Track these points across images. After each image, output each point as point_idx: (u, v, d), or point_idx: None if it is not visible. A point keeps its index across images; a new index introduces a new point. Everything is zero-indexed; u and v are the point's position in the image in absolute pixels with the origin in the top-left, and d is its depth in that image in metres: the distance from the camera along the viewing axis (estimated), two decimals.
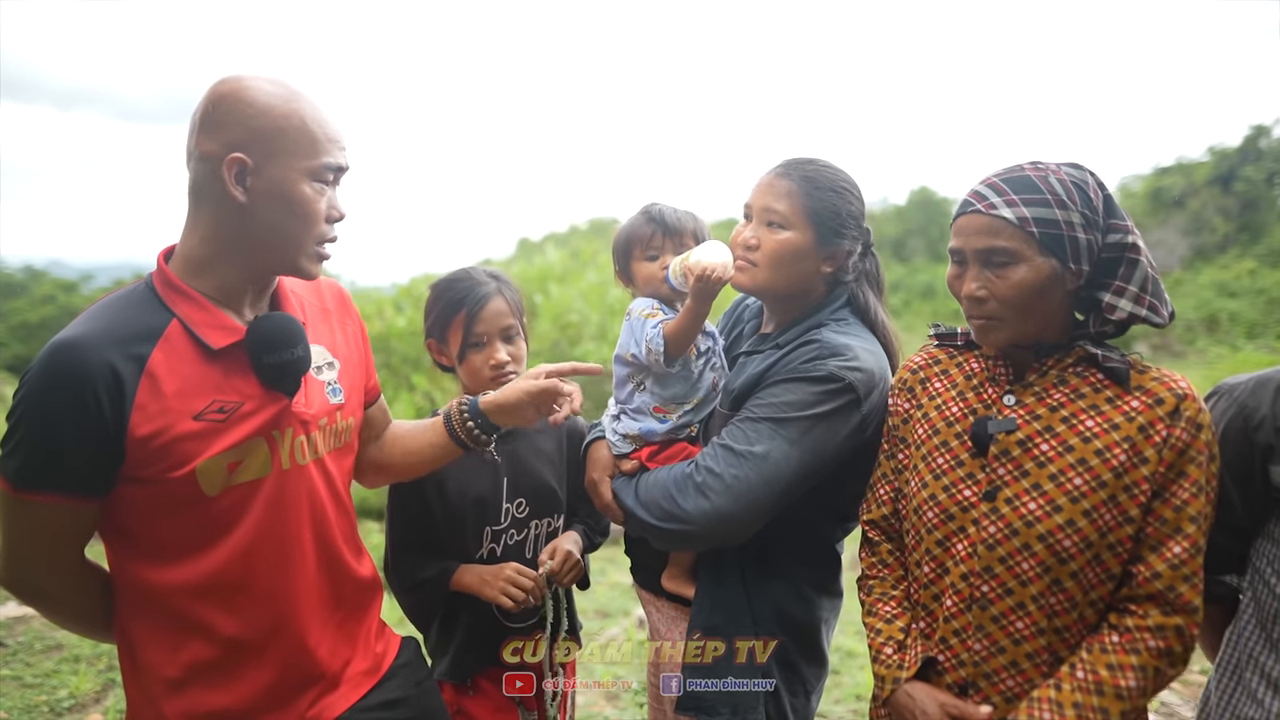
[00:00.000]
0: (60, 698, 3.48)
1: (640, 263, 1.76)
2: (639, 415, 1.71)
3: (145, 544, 1.31)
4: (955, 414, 1.44)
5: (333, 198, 1.38)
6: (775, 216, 1.64)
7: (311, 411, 1.41)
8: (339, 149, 1.37)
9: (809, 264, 1.65)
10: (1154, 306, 1.31)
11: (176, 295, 1.31)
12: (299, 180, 1.31)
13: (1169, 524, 1.27)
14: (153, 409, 1.24)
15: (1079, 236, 1.30)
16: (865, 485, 1.62)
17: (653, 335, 1.65)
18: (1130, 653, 1.26)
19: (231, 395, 1.30)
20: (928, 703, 1.36)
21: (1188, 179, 19.10)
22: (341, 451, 1.50)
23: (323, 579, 1.44)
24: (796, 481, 1.52)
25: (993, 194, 1.33)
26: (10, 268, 19.73)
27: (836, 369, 1.52)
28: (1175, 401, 1.28)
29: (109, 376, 1.20)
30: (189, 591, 1.31)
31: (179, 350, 1.28)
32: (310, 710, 1.41)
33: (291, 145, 1.30)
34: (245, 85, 1.29)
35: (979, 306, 1.35)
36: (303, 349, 1.38)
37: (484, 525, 1.89)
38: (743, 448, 1.52)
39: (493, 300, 1.84)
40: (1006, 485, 1.34)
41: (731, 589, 1.63)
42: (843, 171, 1.70)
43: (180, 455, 1.25)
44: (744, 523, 1.53)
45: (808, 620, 1.66)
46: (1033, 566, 1.30)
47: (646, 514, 1.59)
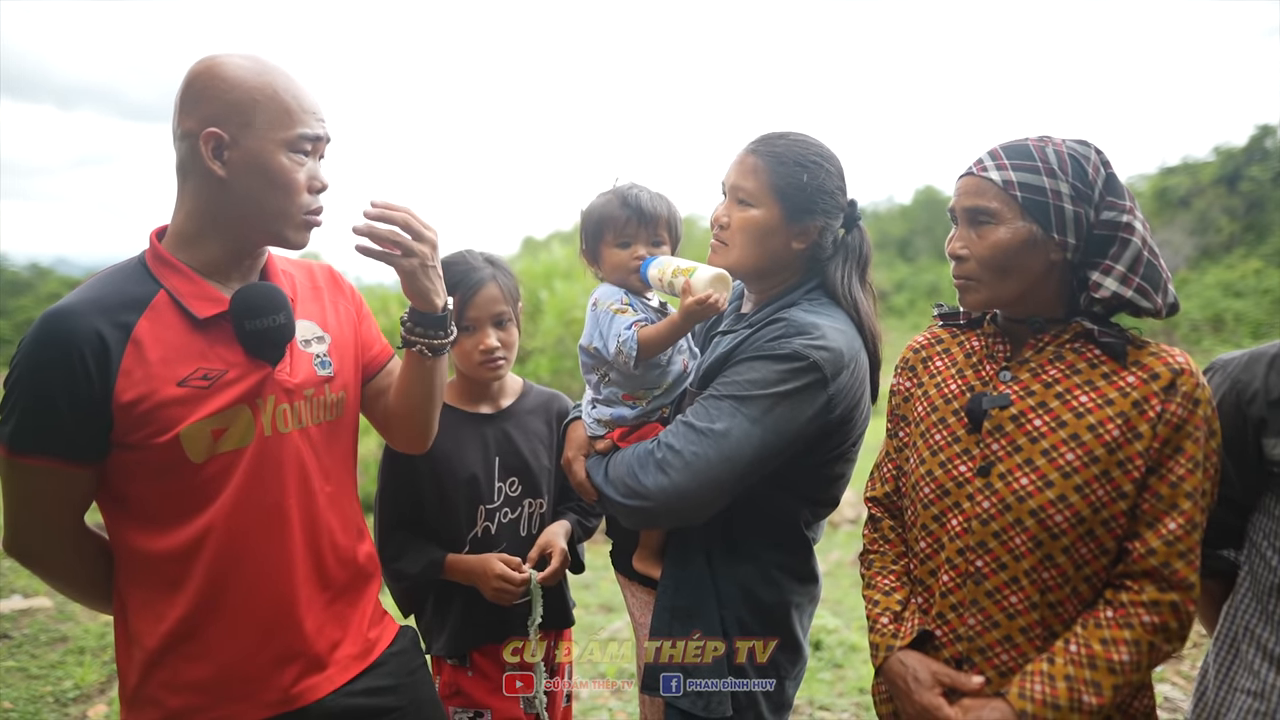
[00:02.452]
0: (65, 689, 3.50)
1: (611, 248, 1.71)
2: (610, 402, 1.70)
3: (136, 510, 1.35)
4: (954, 391, 1.45)
5: (314, 168, 1.40)
6: (743, 194, 1.63)
7: (295, 380, 1.43)
8: (315, 119, 1.39)
9: (778, 240, 1.63)
10: (1143, 290, 1.29)
11: (165, 268, 1.36)
12: (276, 151, 1.34)
13: (1165, 500, 1.26)
14: (137, 375, 1.28)
15: (1065, 207, 1.31)
16: (835, 467, 1.61)
17: (626, 337, 1.60)
18: (1124, 627, 1.26)
19: (216, 363, 1.34)
20: (920, 670, 1.37)
21: (1193, 179, 19.07)
22: (333, 425, 1.51)
23: (309, 553, 1.45)
24: (758, 460, 1.49)
25: (989, 159, 1.37)
26: (15, 265, 19.83)
27: (801, 347, 1.49)
28: (1171, 376, 1.28)
29: (96, 342, 1.25)
30: (175, 557, 1.34)
31: (165, 319, 1.32)
32: (294, 688, 1.41)
33: (266, 117, 1.33)
34: (219, 62, 1.34)
35: (960, 266, 1.39)
36: (284, 316, 1.40)
37: (477, 504, 1.91)
38: (704, 425, 1.50)
39: (486, 286, 1.85)
40: (1000, 460, 1.34)
41: (697, 570, 1.61)
42: (816, 145, 1.66)
43: (164, 421, 1.29)
44: (703, 500, 1.50)
45: (776, 603, 1.63)
46: (1025, 541, 1.30)
47: (613, 491, 1.57)
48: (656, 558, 1.72)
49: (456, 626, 1.91)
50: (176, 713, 1.35)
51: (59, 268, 21.77)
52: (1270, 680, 1.31)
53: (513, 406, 2.00)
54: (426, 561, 1.85)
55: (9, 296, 17.63)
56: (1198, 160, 19.63)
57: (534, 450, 1.97)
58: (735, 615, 1.60)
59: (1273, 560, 1.33)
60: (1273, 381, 1.32)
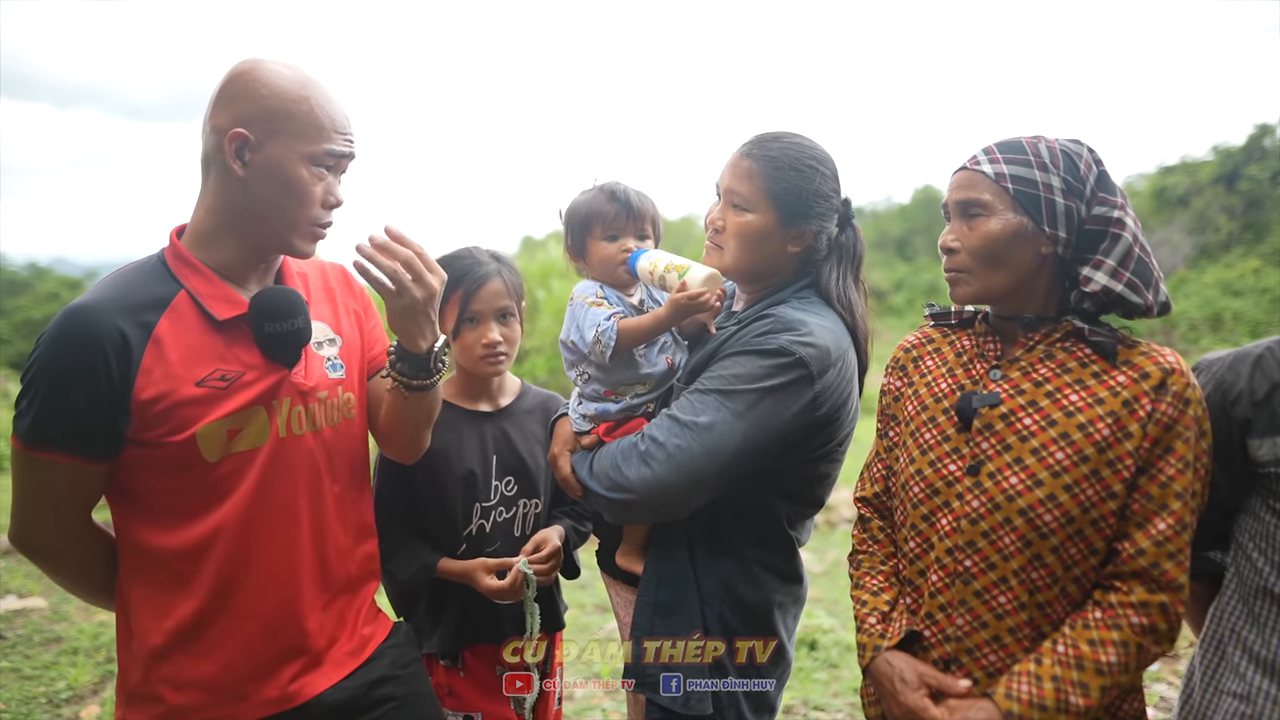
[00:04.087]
0: (58, 689, 3.50)
1: (599, 242, 1.73)
2: (594, 398, 1.71)
3: (147, 507, 1.36)
4: (944, 390, 1.44)
5: (331, 184, 1.41)
6: (738, 199, 1.62)
7: (310, 383, 1.45)
8: (343, 138, 1.41)
9: (773, 245, 1.62)
10: (1133, 285, 1.29)
11: (185, 268, 1.38)
12: (298, 163, 1.36)
13: (1154, 500, 1.26)
14: (157, 374, 1.30)
15: (1056, 200, 1.32)
16: (820, 466, 1.61)
17: (606, 327, 1.61)
18: (1112, 628, 1.25)
19: (234, 365, 1.36)
20: (907, 671, 1.36)
21: (1192, 178, 19.06)
22: (343, 428, 1.52)
23: (315, 554, 1.46)
24: (741, 455, 1.49)
25: (982, 154, 1.38)
26: (14, 265, 19.85)
27: (788, 343, 1.49)
28: (1161, 376, 1.27)
29: (118, 340, 1.27)
30: (185, 555, 1.35)
31: (185, 320, 1.34)
32: (291, 685, 1.42)
33: (296, 128, 1.35)
34: (263, 65, 1.36)
35: (951, 258, 1.39)
36: (303, 320, 1.42)
37: (474, 501, 1.90)
38: (688, 418, 1.50)
39: (491, 281, 1.85)
40: (989, 459, 1.34)
41: (679, 565, 1.61)
42: (811, 148, 1.64)
43: (182, 420, 1.31)
44: (685, 493, 1.50)
45: (758, 600, 1.62)
46: (1013, 541, 1.30)
47: (597, 485, 1.58)
48: (640, 553, 1.72)
49: (450, 625, 1.90)
50: (177, 710, 1.36)
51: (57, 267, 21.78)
52: (1256, 683, 1.30)
53: (511, 406, 2.00)
54: (419, 565, 1.84)
55: (8, 296, 17.65)
56: (1196, 159, 19.63)
57: (531, 451, 1.97)
58: (716, 612, 1.59)
59: (1259, 562, 1.32)
60: (1257, 382, 1.32)
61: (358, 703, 1.49)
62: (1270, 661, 1.29)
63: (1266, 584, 1.30)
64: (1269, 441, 1.29)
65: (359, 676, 1.51)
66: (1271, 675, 1.29)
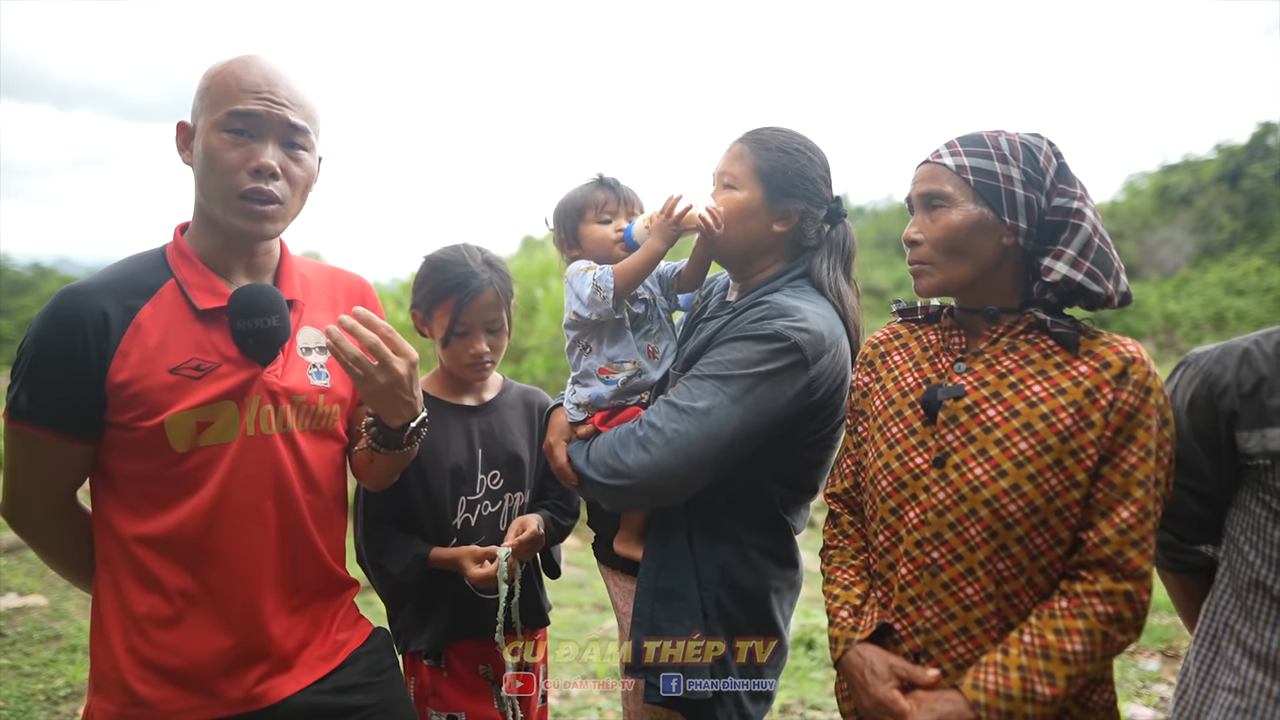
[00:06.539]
0: (57, 686, 3.51)
1: (592, 225, 1.79)
2: (588, 380, 1.74)
3: (120, 492, 1.38)
4: (910, 384, 1.45)
5: (255, 149, 1.35)
6: (728, 178, 1.70)
7: (284, 384, 1.43)
8: (254, 97, 1.35)
9: (759, 222, 1.68)
10: (1093, 274, 1.31)
11: (181, 259, 1.42)
12: (209, 132, 1.36)
13: (1117, 489, 1.27)
14: (133, 358, 1.32)
15: (1016, 191, 1.34)
16: (814, 452, 1.63)
17: (601, 274, 1.67)
18: (1078, 617, 1.26)
19: (211, 355, 1.37)
20: (877, 663, 1.37)
21: (1195, 176, 19.02)
22: (320, 435, 1.51)
23: (283, 556, 1.45)
24: (738, 439, 1.52)
25: (944, 147, 1.40)
26: (17, 265, 19.90)
27: (782, 328, 1.53)
28: (1122, 365, 1.28)
29: (99, 321, 1.30)
30: (151, 545, 1.36)
31: (169, 307, 1.37)
32: (257, 687, 1.41)
33: (210, 101, 1.37)
34: (221, 60, 1.40)
35: (914, 250, 1.42)
36: (277, 320, 1.42)
37: (460, 495, 1.92)
38: (685, 403, 1.53)
39: (484, 294, 1.85)
40: (955, 451, 1.35)
41: (678, 550, 1.63)
42: (802, 137, 1.72)
43: (152, 405, 1.32)
44: (683, 477, 1.53)
45: (755, 586, 1.65)
46: (979, 532, 1.31)
47: (594, 473, 1.60)
48: (638, 539, 1.74)
49: (439, 621, 1.91)
50: (142, 700, 1.36)
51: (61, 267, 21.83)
52: (1251, 677, 1.29)
53: (495, 400, 2.02)
54: (411, 556, 1.86)
55: (10, 296, 17.69)
56: (1199, 158, 19.59)
57: (516, 444, 1.98)
58: (714, 597, 1.61)
59: (1251, 556, 1.32)
60: (1244, 375, 1.32)
61: (329, 709, 1.47)
62: (1264, 655, 1.28)
63: (1258, 577, 1.30)
64: (1257, 434, 1.29)
65: (329, 682, 1.49)
66: (1266, 669, 1.28)
